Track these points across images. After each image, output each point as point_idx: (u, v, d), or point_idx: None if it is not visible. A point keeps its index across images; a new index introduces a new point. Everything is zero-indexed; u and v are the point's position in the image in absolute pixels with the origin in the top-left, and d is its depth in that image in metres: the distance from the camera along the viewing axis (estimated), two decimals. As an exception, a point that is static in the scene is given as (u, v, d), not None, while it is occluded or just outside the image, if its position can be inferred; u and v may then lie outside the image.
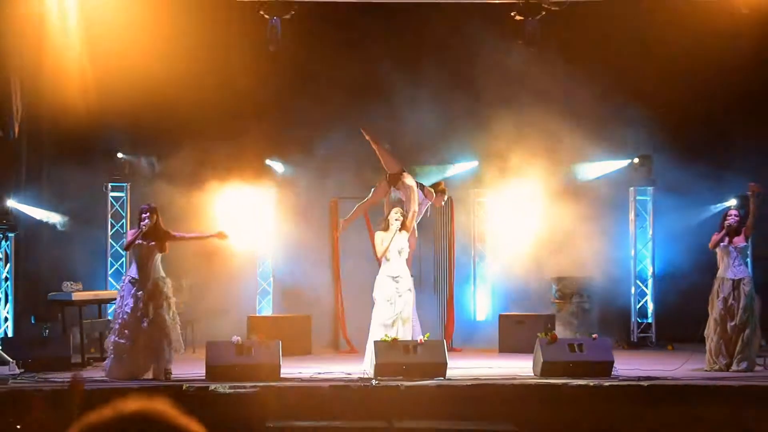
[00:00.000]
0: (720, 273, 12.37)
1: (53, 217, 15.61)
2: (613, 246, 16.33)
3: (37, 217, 15.59)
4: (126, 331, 11.35)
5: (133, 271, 11.65)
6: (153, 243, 11.45)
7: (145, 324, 11.32)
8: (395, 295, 12.01)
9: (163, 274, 11.58)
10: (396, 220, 12.08)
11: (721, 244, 12.33)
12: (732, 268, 12.34)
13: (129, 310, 11.40)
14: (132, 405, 1.47)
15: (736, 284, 12.29)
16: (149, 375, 11.32)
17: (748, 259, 12.85)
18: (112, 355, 11.45)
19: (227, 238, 12.09)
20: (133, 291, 11.45)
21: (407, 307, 12.08)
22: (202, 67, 14.42)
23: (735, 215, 12.48)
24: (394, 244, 12.05)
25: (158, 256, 11.51)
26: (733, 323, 12.21)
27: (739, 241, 12.37)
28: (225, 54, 14.50)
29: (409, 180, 12.98)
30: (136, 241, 11.55)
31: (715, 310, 12.31)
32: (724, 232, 12.30)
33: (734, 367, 12.07)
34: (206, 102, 15.05)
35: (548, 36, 13.25)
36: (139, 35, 13.10)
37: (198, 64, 14.22)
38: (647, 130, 15.94)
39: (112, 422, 1.46)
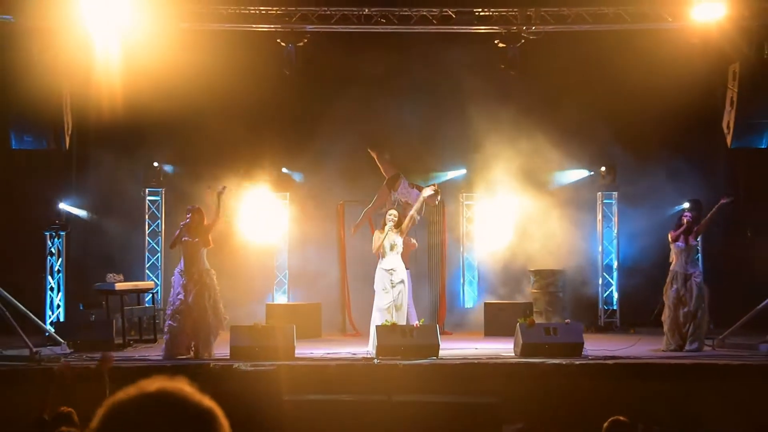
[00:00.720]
0: (674, 267, 12.41)
1: (97, 217, 15.64)
2: (583, 243, 16.37)
3: (85, 218, 15.62)
4: (177, 315, 11.45)
5: (181, 265, 11.69)
6: (197, 239, 11.48)
7: (190, 310, 11.36)
8: (389, 285, 12.04)
9: (207, 266, 11.59)
10: (390, 220, 12.11)
11: (677, 243, 12.36)
12: (685, 263, 12.37)
13: (179, 298, 11.48)
14: (154, 383, 1.47)
15: (688, 277, 12.33)
16: (191, 354, 11.35)
17: (699, 255, 12.84)
18: (168, 336, 11.54)
19: (223, 189, 11.91)
20: (182, 282, 11.51)
21: (401, 295, 12.08)
22: (227, 88, 14.38)
23: (689, 217, 12.50)
24: (387, 241, 12.05)
25: (203, 251, 11.52)
26: (685, 310, 12.25)
27: (692, 240, 12.40)
28: (246, 76, 14.47)
29: (404, 181, 13.08)
30: (183, 238, 11.61)
31: (669, 299, 12.37)
32: (681, 230, 12.32)
33: (687, 347, 12.12)
34: (230, 118, 15.07)
35: (527, 61, 13.22)
36: (172, 60, 13.09)
37: (223, 85, 14.20)
38: (612, 144, 16.00)
39: (136, 399, 1.44)
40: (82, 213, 15.64)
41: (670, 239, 12.45)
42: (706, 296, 12.42)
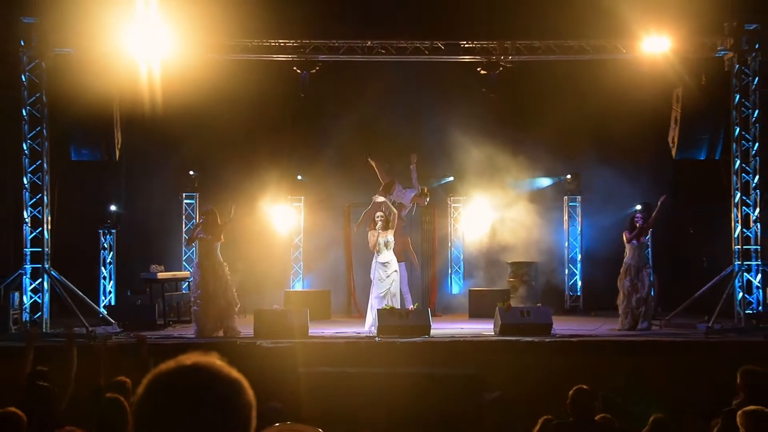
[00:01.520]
0: (627, 260, 12.42)
1: (142, 217, 15.65)
2: (551, 239, 16.35)
3: (131, 218, 15.62)
4: (198, 301, 11.43)
5: (198, 258, 11.69)
6: (210, 237, 11.43)
7: (210, 297, 11.36)
8: (384, 275, 12.06)
9: (220, 259, 11.52)
10: (379, 219, 12.16)
11: (632, 240, 12.39)
12: (637, 257, 12.38)
13: (199, 288, 11.47)
14: (190, 358, 1.49)
15: (639, 269, 12.34)
16: (220, 333, 11.33)
17: (649, 250, 12.86)
18: (195, 320, 11.54)
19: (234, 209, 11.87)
20: (200, 273, 11.50)
21: (394, 284, 12.12)
22: (250, 108, 14.37)
23: (640, 218, 12.52)
24: (381, 239, 12.08)
25: (217, 246, 11.47)
26: (638, 296, 12.27)
27: (643, 237, 12.42)
28: (267, 98, 14.47)
29: (398, 185, 13.12)
30: (199, 236, 11.61)
31: (624, 287, 12.37)
32: (636, 232, 12.33)
33: (638, 326, 12.14)
34: (253, 133, 15.10)
35: (505, 86, 13.20)
36: (204, 84, 13.10)
37: (247, 105, 14.19)
38: (577, 155, 15.99)
39: (175, 370, 1.45)
40: (129, 213, 15.63)
41: (624, 239, 12.47)
42: (654, 284, 12.44)
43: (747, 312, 12.39)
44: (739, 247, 12.54)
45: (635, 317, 12.24)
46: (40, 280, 12.01)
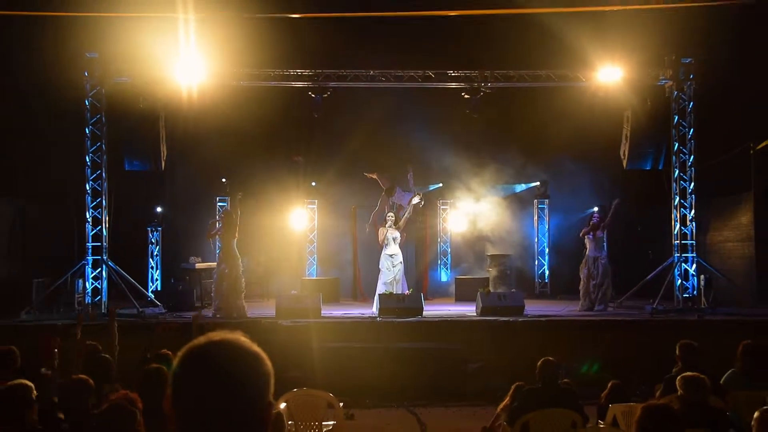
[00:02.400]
0: (587, 252, 12.42)
1: (183, 217, 15.66)
2: (524, 235, 16.39)
3: (174, 218, 15.63)
4: (217, 290, 11.41)
5: (217, 251, 11.69)
6: (226, 234, 11.39)
7: (222, 282, 11.33)
8: (391, 265, 12.05)
9: (235, 253, 11.42)
10: (389, 219, 12.18)
11: (588, 235, 12.39)
12: (595, 249, 12.38)
13: (216, 274, 11.49)
14: (219, 334, 1.49)
15: (596, 259, 12.34)
16: (233, 312, 11.23)
17: (605, 243, 12.85)
18: (216, 303, 11.49)
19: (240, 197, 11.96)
20: (218, 262, 11.52)
21: (399, 273, 12.12)
22: (272, 125, 14.41)
23: (597, 217, 12.52)
24: (390, 235, 12.08)
25: (232, 242, 11.39)
26: (595, 282, 12.27)
27: (599, 233, 12.41)
28: (286, 117, 14.49)
29: (398, 189, 13.13)
30: (218, 233, 11.62)
31: (584, 274, 12.37)
32: (589, 228, 12.36)
33: (596, 308, 12.13)
34: (274, 147, 15.12)
35: (486, 107, 13.18)
36: (233, 106, 13.16)
37: (269, 123, 14.22)
38: (545, 165, 16.02)
39: (206, 344, 1.44)
40: (173, 214, 15.63)
41: (581, 234, 12.49)
42: (609, 272, 12.43)
43: (684, 296, 12.41)
44: (678, 242, 12.55)
45: (592, 300, 12.25)
46: (99, 269, 12.03)
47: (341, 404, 6.68)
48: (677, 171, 12.71)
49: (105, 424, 3.49)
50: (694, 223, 12.62)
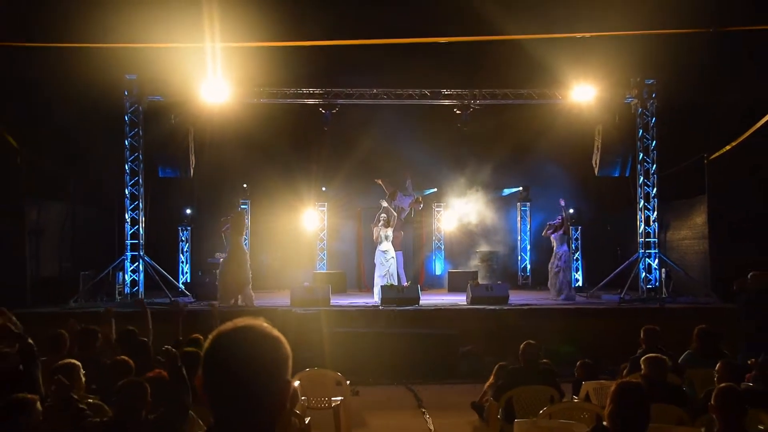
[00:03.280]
0: (555, 249, 12.46)
1: (210, 218, 15.66)
2: (508, 234, 16.38)
3: (202, 218, 15.63)
4: (219, 276, 11.40)
5: (226, 246, 11.69)
6: (233, 231, 11.30)
7: (228, 273, 11.19)
8: (384, 260, 12.06)
9: (243, 248, 11.36)
10: (382, 219, 12.22)
11: (553, 235, 12.43)
12: (557, 246, 12.41)
13: (222, 266, 11.41)
14: (244, 320, 1.48)
15: (560, 255, 12.35)
16: (239, 300, 11.08)
17: (567, 240, 12.79)
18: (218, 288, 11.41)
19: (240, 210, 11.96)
20: (226, 255, 11.50)
21: (392, 266, 12.12)
22: (286, 137, 14.48)
23: (560, 218, 12.55)
24: (383, 233, 12.10)
25: (239, 238, 11.34)
26: (554, 272, 12.31)
27: (560, 232, 12.44)
28: (299, 130, 14.52)
29: (400, 194, 13.17)
30: (227, 230, 11.61)
31: (552, 268, 12.38)
32: (553, 229, 12.42)
33: (560, 298, 12.06)
34: (289, 156, 15.15)
35: (475, 121, 13.19)
36: (253, 119, 13.20)
37: (285, 135, 14.30)
38: (527, 173, 16.00)
39: (232, 329, 1.44)
40: (201, 215, 15.64)
41: (544, 234, 12.56)
42: (570, 265, 12.50)
43: (648, 287, 12.42)
44: (642, 240, 12.57)
45: (557, 291, 12.28)
46: (136, 263, 12.07)
47: (348, 382, 6.69)
48: (642, 177, 12.73)
49: (121, 397, 3.55)
50: (656, 224, 12.65)
